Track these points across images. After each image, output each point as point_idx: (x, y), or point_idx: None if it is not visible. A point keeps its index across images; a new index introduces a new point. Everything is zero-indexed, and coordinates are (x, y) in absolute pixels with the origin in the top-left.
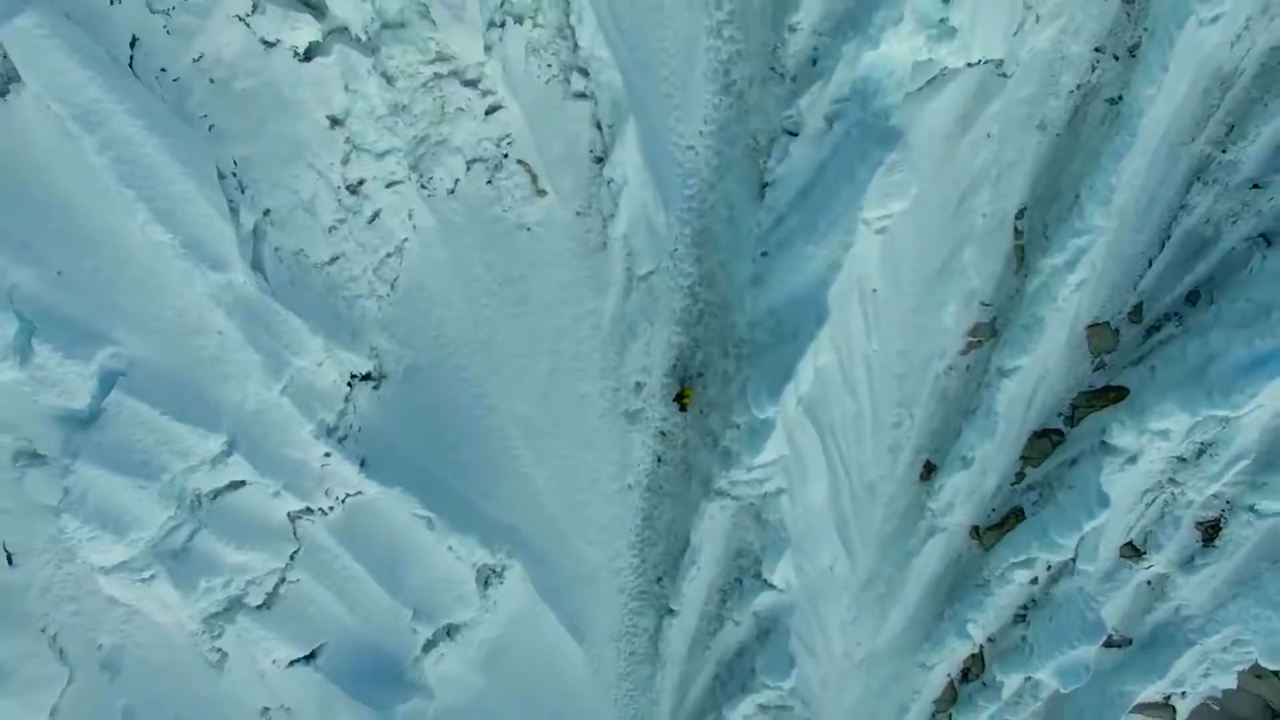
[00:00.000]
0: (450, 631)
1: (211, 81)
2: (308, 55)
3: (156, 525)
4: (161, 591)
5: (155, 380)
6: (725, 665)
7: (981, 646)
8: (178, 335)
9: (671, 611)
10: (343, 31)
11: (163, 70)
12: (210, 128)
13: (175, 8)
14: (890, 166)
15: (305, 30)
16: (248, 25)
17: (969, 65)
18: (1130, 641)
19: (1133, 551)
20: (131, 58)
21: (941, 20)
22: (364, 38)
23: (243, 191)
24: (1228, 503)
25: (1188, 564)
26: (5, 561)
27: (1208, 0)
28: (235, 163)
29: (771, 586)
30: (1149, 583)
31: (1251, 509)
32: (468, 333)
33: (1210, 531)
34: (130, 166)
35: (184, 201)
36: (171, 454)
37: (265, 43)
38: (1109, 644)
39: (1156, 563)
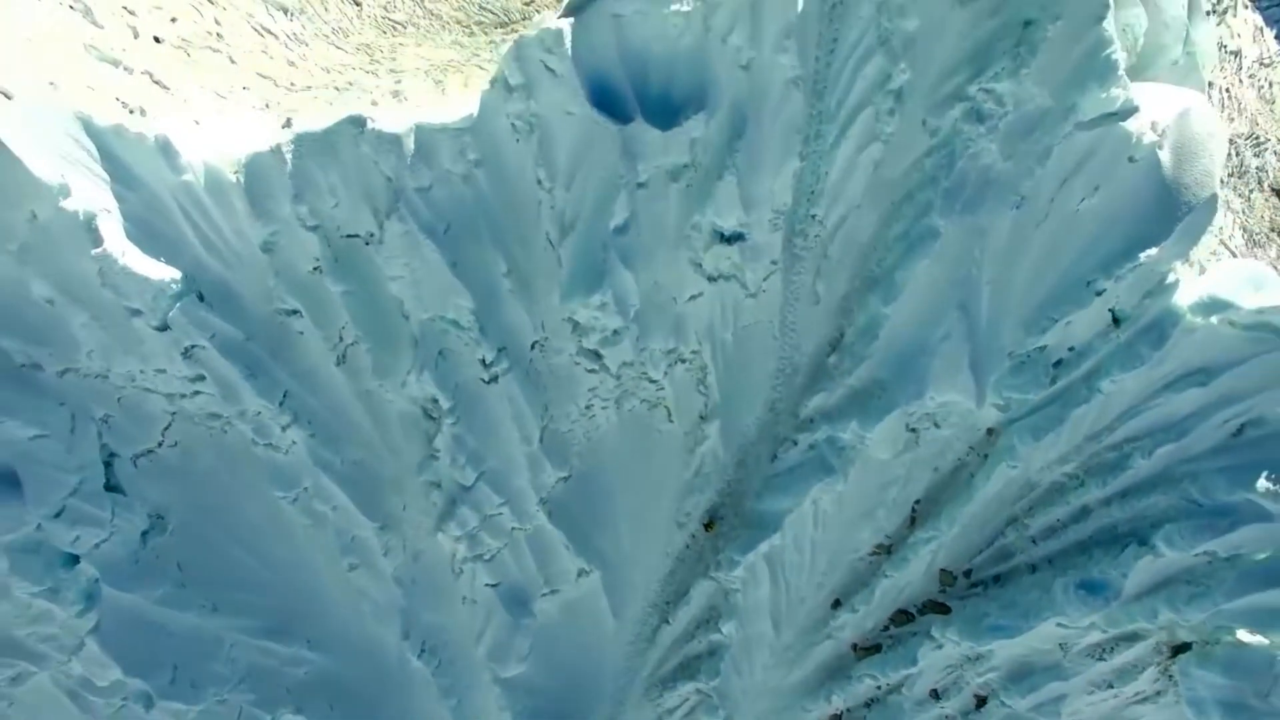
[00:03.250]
0: (554, 591)
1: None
2: (590, 369)
3: (466, 527)
4: (458, 545)
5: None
6: (687, 660)
7: (841, 712)
8: (507, 469)
9: (668, 622)
10: (598, 359)
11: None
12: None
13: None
14: (824, 484)
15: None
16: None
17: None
18: None
19: (935, 696)
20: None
21: (859, 440)
22: (614, 369)
23: (547, 410)
24: (992, 689)
25: (965, 715)
26: (401, 508)
27: (1013, 456)
28: (548, 405)
29: (721, 633)
30: (946, 716)
31: (1000, 700)
32: (614, 465)
33: (981, 701)
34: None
35: (532, 427)
36: (481, 513)
37: (574, 362)
38: None
39: (948, 708)
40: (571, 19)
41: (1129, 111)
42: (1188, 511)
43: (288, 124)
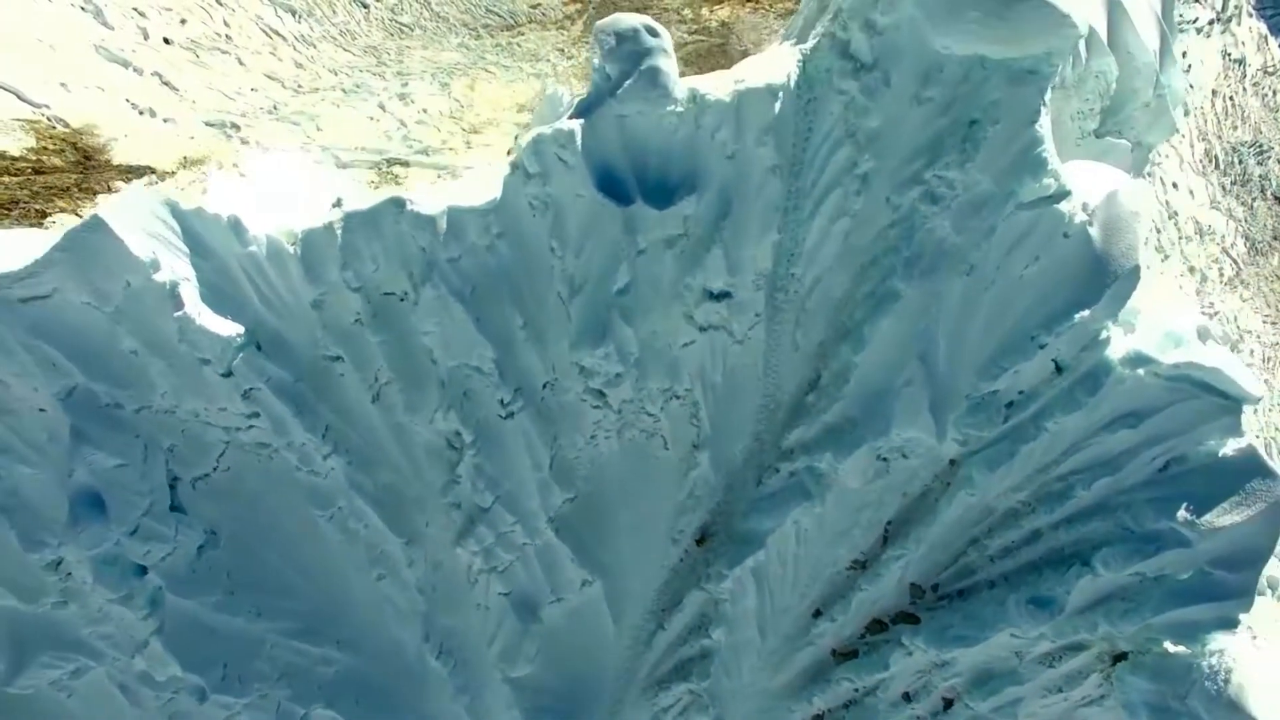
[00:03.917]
0: (560, 599)
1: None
2: (595, 406)
3: (483, 542)
4: (475, 559)
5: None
6: (681, 663)
7: (822, 713)
8: (520, 492)
9: (663, 628)
10: (602, 397)
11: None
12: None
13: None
14: (804, 508)
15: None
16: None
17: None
18: None
19: (907, 698)
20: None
21: (833, 470)
22: (615, 406)
23: (556, 440)
24: (957, 693)
25: (934, 716)
26: (424, 526)
27: (972, 485)
28: (557, 436)
29: (711, 639)
30: (917, 717)
31: (965, 702)
32: (616, 487)
33: (948, 704)
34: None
35: (542, 455)
36: (496, 530)
37: (581, 399)
38: None
39: (918, 709)
40: (581, 120)
41: (1062, 195)
42: (1121, 537)
43: (338, 203)
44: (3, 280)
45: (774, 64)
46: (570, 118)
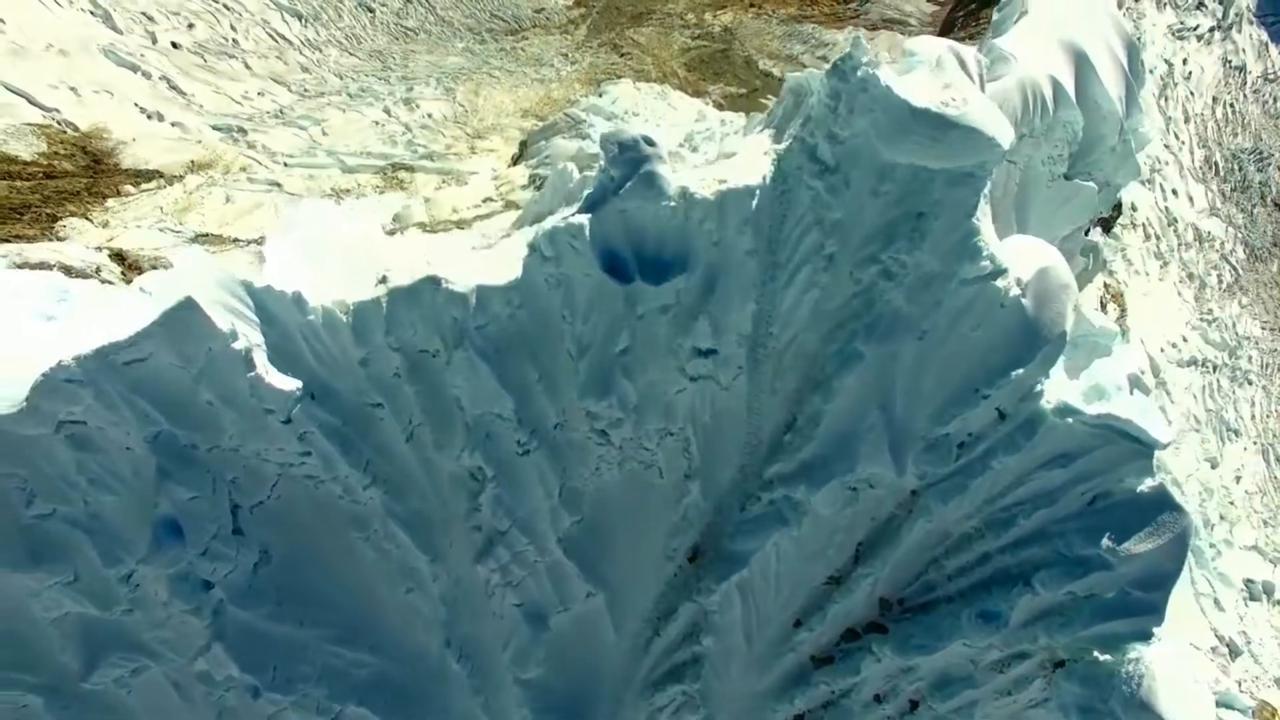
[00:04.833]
0: (566, 609)
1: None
2: (599, 443)
3: (500, 561)
4: (493, 574)
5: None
6: (674, 667)
7: (803, 713)
8: (533, 517)
9: (658, 635)
10: (605, 436)
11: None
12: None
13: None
14: (782, 532)
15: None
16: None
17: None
18: None
19: (878, 700)
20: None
21: (807, 500)
22: (617, 443)
23: (565, 472)
24: (922, 695)
25: (902, 716)
26: (448, 546)
27: (929, 513)
28: (566, 468)
29: (702, 645)
30: (888, 717)
31: (928, 704)
32: (617, 511)
33: (914, 705)
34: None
35: (553, 485)
36: (512, 550)
37: (587, 438)
38: None
39: (889, 710)
40: (589, 215)
41: (998, 273)
42: (1056, 560)
43: (383, 279)
44: (113, 348)
45: (753, 161)
46: (580, 211)
